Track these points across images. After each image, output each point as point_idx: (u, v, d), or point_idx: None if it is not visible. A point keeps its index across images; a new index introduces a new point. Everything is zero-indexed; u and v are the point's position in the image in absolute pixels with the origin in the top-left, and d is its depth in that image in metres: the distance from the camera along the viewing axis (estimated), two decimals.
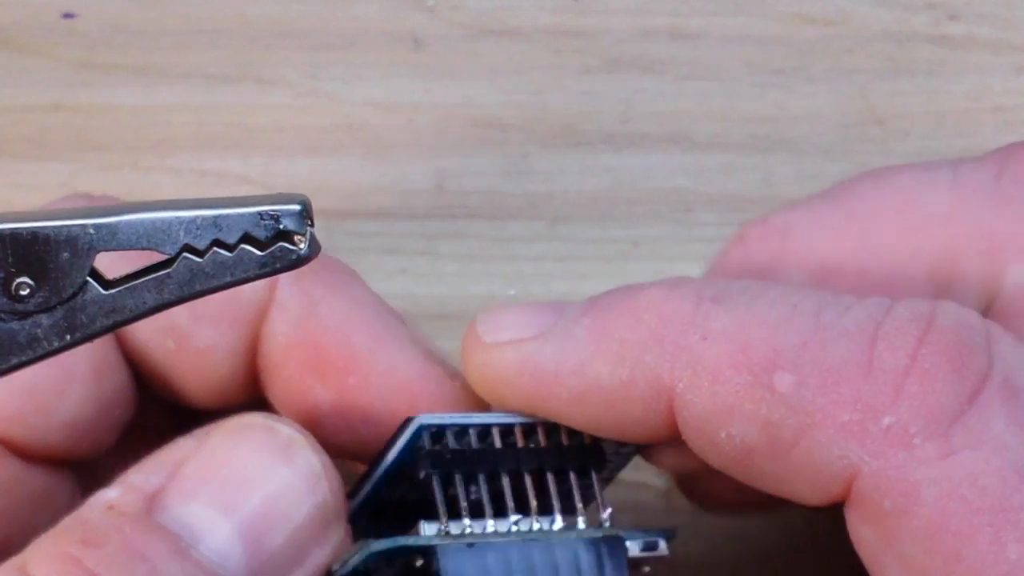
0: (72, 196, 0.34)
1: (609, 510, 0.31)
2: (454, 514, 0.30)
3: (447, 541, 0.29)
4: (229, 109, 0.41)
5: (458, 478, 0.30)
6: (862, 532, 0.27)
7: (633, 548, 0.30)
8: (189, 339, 0.32)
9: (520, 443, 0.31)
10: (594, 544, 0.30)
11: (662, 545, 0.31)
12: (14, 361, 0.25)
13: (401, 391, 0.32)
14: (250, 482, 0.28)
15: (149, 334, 0.32)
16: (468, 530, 0.30)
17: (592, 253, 0.41)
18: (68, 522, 0.28)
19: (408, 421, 0.30)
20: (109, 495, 0.28)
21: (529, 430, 0.31)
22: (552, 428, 0.31)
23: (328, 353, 0.32)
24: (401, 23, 0.42)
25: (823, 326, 0.27)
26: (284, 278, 0.32)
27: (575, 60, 0.42)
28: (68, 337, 0.25)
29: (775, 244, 0.32)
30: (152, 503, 0.27)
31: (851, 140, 0.42)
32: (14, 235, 0.25)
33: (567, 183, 0.41)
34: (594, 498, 0.31)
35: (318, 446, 0.29)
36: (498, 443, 0.31)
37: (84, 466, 0.33)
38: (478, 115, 0.42)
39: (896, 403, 0.26)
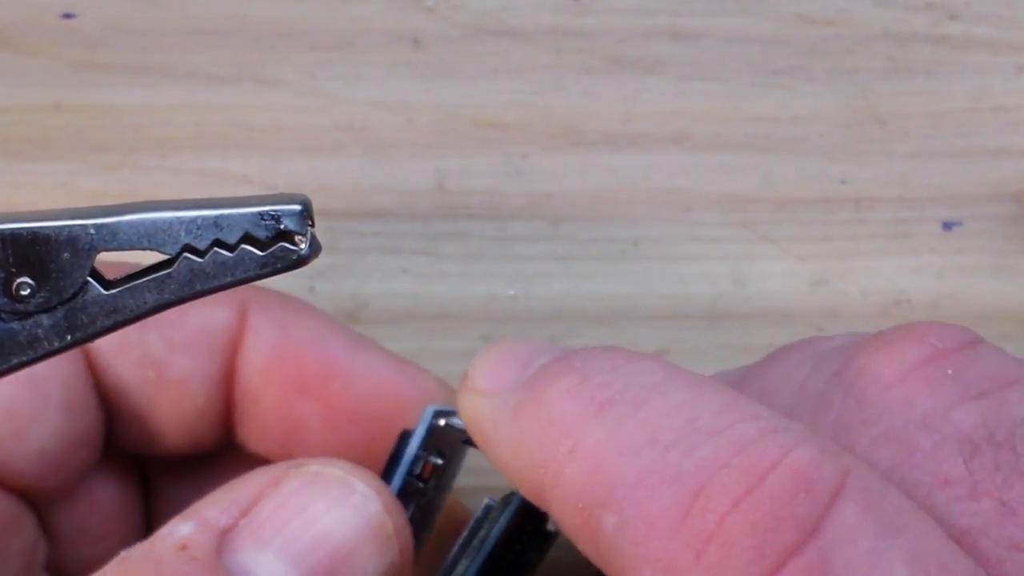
0: None
1: None
2: None
3: None
4: (229, 109, 0.41)
5: None
6: None
7: None
8: (167, 369, 0.33)
9: None
10: None
11: None
12: (15, 361, 0.25)
13: (383, 388, 0.33)
14: (323, 538, 0.28)
15: (129, 367, 0.33)
16: None
17: (592, 253, 0.41)
18: (140, 556, 0.28)
19: (406, 432, 0.32)
20: (182, 531, 0.28)
21: None
22: None
23: (309, 366, 0.33)
24: (401, 23, 0.42)
25: (663, 466, 0.26)
26: (254, 308, 0.34)
27: (575, 60, 0.42)
28: (69, 337, 0.25)
29: None
30: (223, 543, 0.27)
31: (851, 140, 0.42)
32: (15, 235, 0.25)
33: (567, 183, 0.41)
34: None
35: (392, 504, 0.29)
36: None
37: (43, 506, 0.34)
38: (478, 115, 0.42)
39: (694, 569, 0.25)
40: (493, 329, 0.41)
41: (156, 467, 0.36)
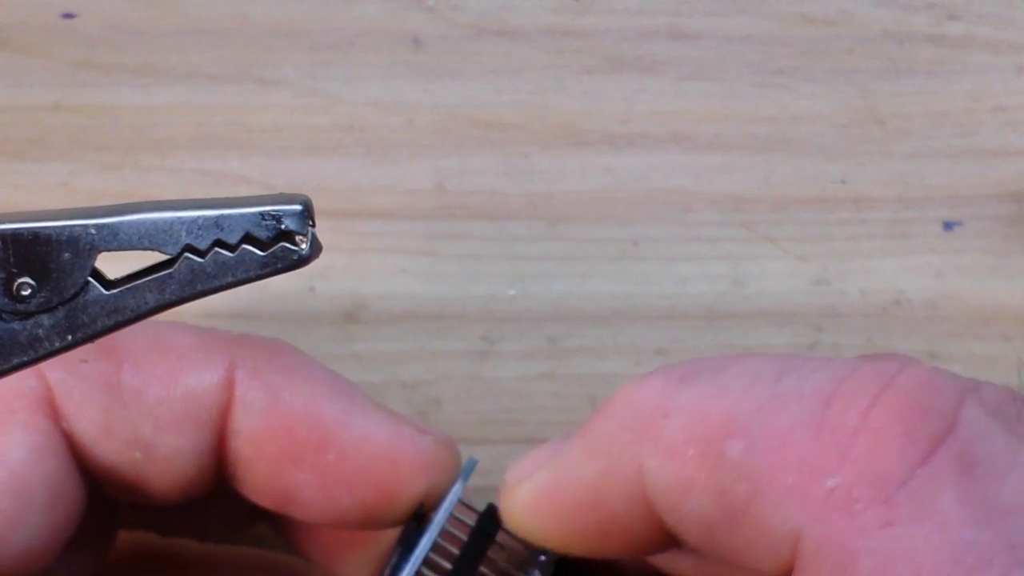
0: None
1: None
2: None
3: None
4: (229, 109, 0.41)
5: None
6: None
7: None
8: (155, 449, 0.32)
9: None
10: None
11: None
12: (15, 361, 0.25)
13: (379, 455, 0.32)
14: None
15: (115, 449, 0.32)
16: None
17: (592, 253, 0.41)
18: None
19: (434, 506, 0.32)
20: None
21: None
22: None
23: (301, 436, 0.32)
24: (401, 23, 0.42)
25: (780, 392, 0.26)
26: (240, 374, 0.32)
27: (575, 60, 0.42)
28: (69, 337, 0.25)
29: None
30: None
31: (851, 140, 0.42)
32: (16, 235, 0.25)
33: (567, 183, 0.41)
34: None
35: None
36: None
37: None
38: (478, 115, 0.42)
39: (842, 465, 0.25)
40: (493, 329, 0.41)
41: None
